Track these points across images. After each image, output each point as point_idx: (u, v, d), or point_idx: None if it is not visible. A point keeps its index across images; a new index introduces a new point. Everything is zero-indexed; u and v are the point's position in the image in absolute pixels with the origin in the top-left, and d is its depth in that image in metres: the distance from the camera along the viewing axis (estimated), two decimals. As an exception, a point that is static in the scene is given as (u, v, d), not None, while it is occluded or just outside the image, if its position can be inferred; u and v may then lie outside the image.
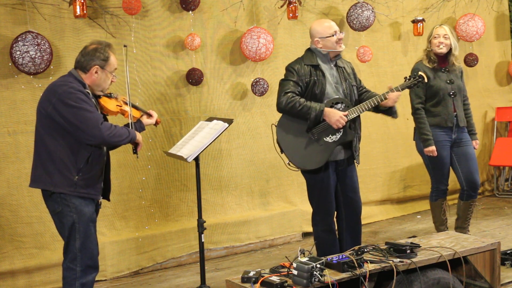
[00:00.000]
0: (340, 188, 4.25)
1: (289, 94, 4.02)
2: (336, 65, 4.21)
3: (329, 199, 4.20)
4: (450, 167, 5.02)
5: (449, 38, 4.85)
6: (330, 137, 4.06)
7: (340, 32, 4.17)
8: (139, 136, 3.58)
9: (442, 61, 4.92)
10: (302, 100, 4.01)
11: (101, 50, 3.45)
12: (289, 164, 4.12)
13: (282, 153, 4.13)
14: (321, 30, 4.13)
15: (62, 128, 3.31)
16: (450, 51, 4.89)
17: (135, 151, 3.63)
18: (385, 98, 4.13)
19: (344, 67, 4.25)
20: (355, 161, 4.24)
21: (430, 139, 4.80)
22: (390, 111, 4.26)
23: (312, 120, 4.00)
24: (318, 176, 4.15)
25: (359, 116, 4.18)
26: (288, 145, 4.07)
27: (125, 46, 3.61)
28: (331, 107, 4.07)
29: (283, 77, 4.18)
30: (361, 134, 4.33)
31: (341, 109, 4.09)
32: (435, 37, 4.87)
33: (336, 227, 4.30)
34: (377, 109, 4.23)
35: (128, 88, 3.64)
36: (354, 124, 4.17)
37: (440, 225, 5.09)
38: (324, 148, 4.06)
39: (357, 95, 4.27)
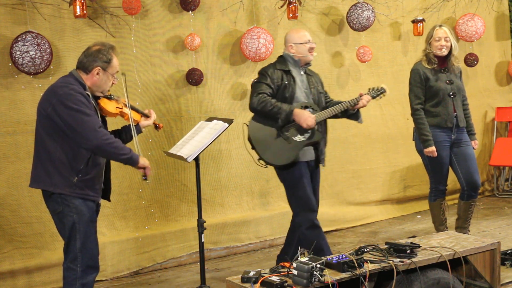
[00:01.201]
0: None
1: (261, 95, 4.22)
2: (306, 73, 4.46)
3: (308, 197, 4.32)
4: (450, 168, 5.02)
5: (450, 40, 4.85)
6: (298, 137, 4.26)
7: (313, 42, 4.42)
8: (143, 160, 3.48)
9: (441, 61, 4.92)
10: (274, 100, 4.21)
11: (104, 52, 3.45)
12: (259, 161, 4.30)
13: (252, 149, 4.30)
14: (296, 37, 4.40)
15: (61, 129, 3.31)
16: (450, 51, 4.89)
17: (144, 177, 3.52)
18: (355, 104, 4.42)
19: (312, 76, 4.52)
20: (320, 164, 4.43)
21: (430, 140, 4.80)
22: (356, 116, 4.53)
23: (283, 119, 4.19)
24: (294, 175, 4.32)
25: (326, 121, 4.44)
26: (259, 142, 4.25)
27: (123, 74, 3.59)
28: None
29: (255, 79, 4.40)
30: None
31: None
32: (436, 40, 4.86)
33: (319, 223, 4.37)
34: (343, 114, 4.49)
35: (129, 106, 3.63)
36: (322, 127, 4.40)
37: (439, 225, 5.09)
38: (293, 146, 4.25)
39: (324, 103, 4.51)
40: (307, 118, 4.19)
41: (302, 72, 4.42)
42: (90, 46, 3.50)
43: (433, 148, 4.80)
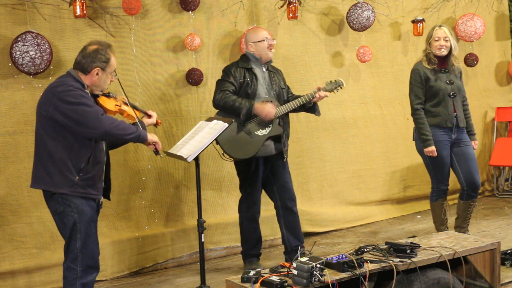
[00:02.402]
0: (273, 180, 4.73)
1: (224, 91, 4.47)
2: (268, 69, 4.68)
3: (255, 189, 4.68)
4: (450, 167, 5.02)
5: (449, 40, 4.85)
6: (260, 131, 4.50)
7: (272, 39, 4.66)
8: (151, 135, 3.55)
9: (441, 62, 4.92)
10: (235, 97, 4.45)
11: (102, 52, 3.45)
12: (223, 155, 4.53)
13: (217, 144, 4.48)
14: (254, 36, 4.65)
15: (63, 127, 3.31)
16: (449, 52, 4.89)
17: (156, 152, 3.62)
18: (313, 98, 4.59)
19: (275, 72, 4.75)
20: (284, 156, 4.66)
21: (430, 139, 4.81)
22: (313, 109, 4.74)
23: (244, 114, 4.42)
24: (249, 167, 4.61)
25: (287, 115, 4.66)
26: (223, 138, 4.38)
27: (115, 75, 3.59)
28: None
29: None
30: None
31: None
32: (436, 39, 4.86)
33: (259, 217, 4.80)
34: (301, 108, 4.68)
35: (129, 102, 3.64)
36: (283, 121, 4.60)
37: (440, 225, 5.09)
38: (255, 140, 4.48)
39: (286, 97, 4.73)
40: (268, 111, 4.42)
41: (264, 69, 4.65)
42: (87, 46, 3.49)
43: (433, 148, 4.80)
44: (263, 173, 4.69)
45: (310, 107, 4.71)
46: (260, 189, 4.75)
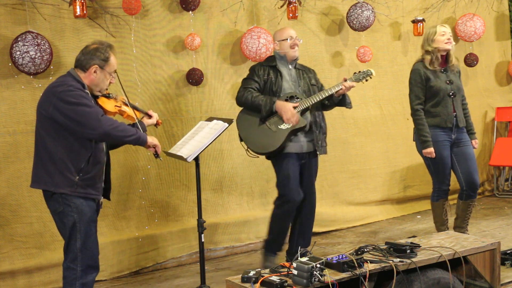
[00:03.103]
0: (301, 180, 4.61)
1: (247, 89, 4.51)
2: (295, 67, 4.69)
3: (289, 187, 4.51)
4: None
5: (451, 37, 4.88)
6: (284, 125, 4.46)
7: (297, 39, 4.64)
8: (151, 138, 3.54)
9: (442, 61, 4.92)
10: (257, 94, 4.49)
11: (101, 50, 3.46)
12: (247, 151, 4.53)
13: (241, 141, 4.54)
14: (279, 34, 4.68)
15: (63, 128, 3.31)
16: (448, 51, 4.90)
17: (156, 155, 3.59)
18: (339, 89, 4.52)
19: (304, 70, 4.73)
20: (318, 152, 4.59)
21: (429, 141, 4.81)
22: (344, 102, 4.64)
23: (266, 110, 4.43)
24: (281, 164, 4.53)
25: (320, 110, 4.62)
26: (247, 134, 4.49)
27: (115, 71, 3.57)
28: (286, 100, 4.48)
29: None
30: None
31: (296, 102, 4.48)
32: (442, 34, 4.85)
33: (292, 217, 4.65)
34: (331, 102, 4.61)
35: (129, 103, 3.63)
36: (313, 114, 4.55)
37: (441, 225, 5.09)
38: (278, 134, 4.45)
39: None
40: (287, 110, 4.40)
41: (290, 67, 4.65)
42: (88, 45, 3.51)
43: (431, 149, 4.80)
44: (297, 170, 4.57)
45: (340, 100, 4.61)
46: (296, 187, 4.53)
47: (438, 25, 4.94)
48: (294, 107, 4.43)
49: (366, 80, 4.70)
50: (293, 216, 4.64)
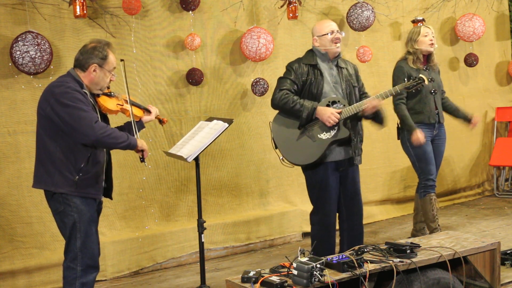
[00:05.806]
0: (341, 190, 4.26)
1: (284, 91, 4.09)
2: (337, 65, 4.24)
3: (328, 200, 4.18)
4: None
5: (434, 37, 5.02)
6: (324, 134, 4.08)
7: (339, 32, 4.20)
8: (141, 143, 3.49)
9: (424, 60, 5.06)
10: (296, 97, 4.07)
11: (99, 49, 3.46)
12: (282, 160, 4.16)
13: (276, 149, 4.18)
14: (319, 29, 4.22)
15: (60, 128, 3.31)
16: (431, 52, 5.05)
17: (142, 159, 3.53)
18: (391, 95, 4.22)
19: (346, 68, 4.28)
20: (355, 162, 4.21)
21: (416, 128, 4.90)
22: (378, 118, 4.24)
23: (304, 118, 4.04)
24: (318, 176, 4.17)
25: (360, 118, 4.19)
26: (282, 141, 4.12)
27: (122, 60, 3.58)
28: (327, 106, 4.09)
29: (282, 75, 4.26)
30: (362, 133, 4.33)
31: (338, 108, 4.10)
32: (425, 35, 4.98)
33: (335, 229, 4.28)
34: (368, 116, 4.20)
35: (129, 99, 3.63)
36: (353, 123, 4.16)
37: (431, 222, 5.05)
38: (318, 144, 4.07)
39: (359, 96, 4.28)
40: (329, 115, 4.00)
41: (332, 65, 4.21)
42: (86, 44, 3.51)
43: (420, 134, 4.87)
44: (335, 182, 4.18)
45: (376, 116, 4.19)
46: (333, 199, 4.19)
47: (422, 26, 5.07)
48: (338, 114, 4.02)
49: (418, 89, 4.46)
50: (334, 230, 4.24)
